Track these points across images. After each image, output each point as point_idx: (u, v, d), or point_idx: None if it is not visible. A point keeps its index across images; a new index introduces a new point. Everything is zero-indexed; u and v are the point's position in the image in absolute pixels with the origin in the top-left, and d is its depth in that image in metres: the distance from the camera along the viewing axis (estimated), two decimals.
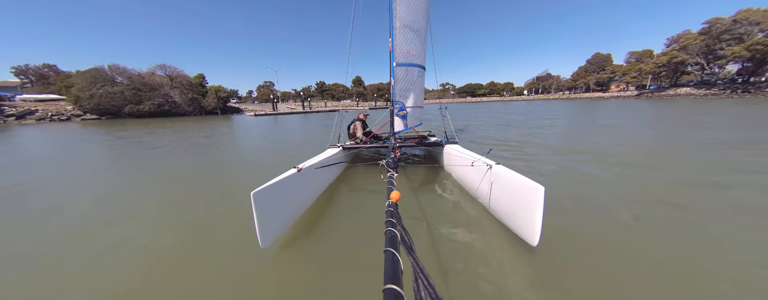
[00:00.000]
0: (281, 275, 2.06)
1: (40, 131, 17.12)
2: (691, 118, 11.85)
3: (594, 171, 4.42)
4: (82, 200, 4.00)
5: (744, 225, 2.54)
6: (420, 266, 0.78)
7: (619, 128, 9.52)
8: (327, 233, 2.67)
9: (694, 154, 5.32)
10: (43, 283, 2.09)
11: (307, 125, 17.05)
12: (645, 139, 7.40)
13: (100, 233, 2.89)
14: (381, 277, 0.81)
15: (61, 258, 2.43)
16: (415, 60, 4.66)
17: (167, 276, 2.12)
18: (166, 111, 36.81)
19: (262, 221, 2.15)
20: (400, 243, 1.01)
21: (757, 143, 6.06)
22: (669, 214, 2.82)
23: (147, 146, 9.24)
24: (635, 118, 12.99)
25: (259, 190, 2.20)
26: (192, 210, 3.47)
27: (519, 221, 2.33)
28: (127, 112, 33.13)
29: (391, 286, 0.72)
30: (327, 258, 2.25)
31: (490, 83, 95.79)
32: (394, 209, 1.32)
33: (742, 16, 36.85)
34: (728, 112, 14.17)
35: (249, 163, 6.25)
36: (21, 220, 3.28)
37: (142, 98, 34.54)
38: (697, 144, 6.31)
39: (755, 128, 8.44)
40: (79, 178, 5.28)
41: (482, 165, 3.05)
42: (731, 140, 6.50)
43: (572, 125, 11.12)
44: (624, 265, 2.03)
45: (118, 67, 36.02)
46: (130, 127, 18.35)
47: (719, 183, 3.69)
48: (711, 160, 4.88)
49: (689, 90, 42.86)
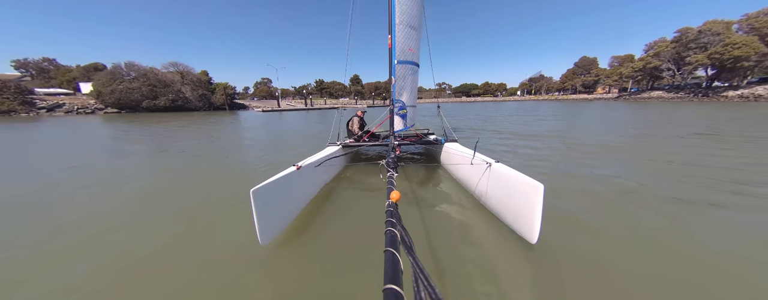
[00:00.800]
0: (280, 273, 2.07)
1: (81, 122, 19.84)
2: (628, 116, 15.34)
3: (521, 146, 7.10)
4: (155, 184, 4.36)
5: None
6: (420, 266, 0.78)
7: (553, 120, 12.98)
8: (326, 232, 2.68)
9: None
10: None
11: (311, 119, 20.46)
12: (562, 125, 10.82)
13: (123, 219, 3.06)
14: (381, 277, 0.81)
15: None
16: (412, 58, 4.71)
17: (165, 272, 2.12)
18: (179, 106, 39.78)
19: (262, 218, 2.18)
20: (400, 243, 1.01)
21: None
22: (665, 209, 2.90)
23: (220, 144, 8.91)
24: (567, 112, 16.47)
25: (258, 187, 2.22)
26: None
27: (518, 219, 2.34)
28: (144, 106, 36.09)
29: (391, 286, 0.72)
30: (326, 257, 2.26)
31: (484, 84, 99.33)
32: (394, 209, 1.34)
33: (706, 27, 40.54)
34: (666, 112, 17.42)
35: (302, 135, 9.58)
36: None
37: (157, 94, 37.49)
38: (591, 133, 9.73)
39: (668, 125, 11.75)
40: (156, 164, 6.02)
41: (481, 163, 3.06)
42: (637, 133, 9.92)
43: (529, 118, 14.60)
44: (624, 263, 2.03)
45: (133, 64, 38.87)
46: (163, 121, 20.59)
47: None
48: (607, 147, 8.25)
49: (661, 94, 46.72)
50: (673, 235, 2.45)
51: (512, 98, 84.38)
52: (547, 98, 72.66)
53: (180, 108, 39.95)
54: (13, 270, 2.19)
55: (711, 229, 2.57)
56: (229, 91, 47.63)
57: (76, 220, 3.05)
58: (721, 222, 2.70)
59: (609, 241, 2.35)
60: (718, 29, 38.98)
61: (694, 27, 43.33)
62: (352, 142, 5.26)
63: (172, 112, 37.06)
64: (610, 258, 2.10)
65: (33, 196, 3.93)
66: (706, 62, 39.07)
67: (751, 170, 4.39)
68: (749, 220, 2.74)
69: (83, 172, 5.32)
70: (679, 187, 3.65)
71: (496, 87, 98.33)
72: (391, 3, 4.31)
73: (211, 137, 10.52)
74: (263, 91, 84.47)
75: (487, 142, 7.79)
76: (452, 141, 5.03)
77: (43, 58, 50.99)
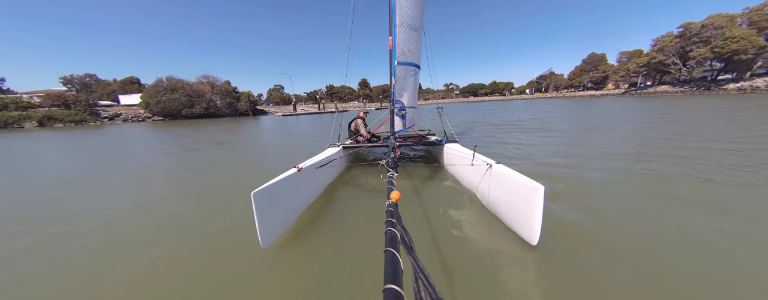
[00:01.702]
0: (281, 274, 2.10)
1: (137, 129, 23.38)
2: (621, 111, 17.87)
3: (506, 135, 10.34)
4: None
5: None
6: (420, 266, 0.78)
7: (531, 113, 15.84)
8: (327, 233, 2.71)
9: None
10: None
11: (322, 122, 23.96)
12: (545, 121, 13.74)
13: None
14: (381, 277, 0.82)
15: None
16: (412, 59, 4.75)
17: (167, 271, 2.17)
18: (210, 113, 45.11)
19: (263, 221, 2.19)
20: (400, 243, 1.02)
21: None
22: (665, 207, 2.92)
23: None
24: (564, 108, 19.07)
25: (259, 189, 2.22)
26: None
27: (518, 220, 2.35)
28: (183, 114, 41.54)
29: (391, 286, 0.73)
30: (327, 257, 2.28)
31: (492, 83, 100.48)
32: (394, 209, 1.35)
33: (708, 22, 41.06)
34: (661, 105, 18.97)
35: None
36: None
37: (193, 103, 42.97)
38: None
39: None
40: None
41: (482, 164, 3.08)
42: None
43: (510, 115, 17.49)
44: (625, 263, 2.03)
45: (172, 77, 44.65)
46: (210, 127, 23.96)
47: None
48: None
49: (666, 88, 47.20)
50: (674, 235, 2.38)
51: (520, 97, 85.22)
52: (555, 96, 73.29)
53: (212, 115, 45.27)
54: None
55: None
56: (252, 98, 52.94)
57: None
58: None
59: (609, 241, 2.32)
60: (721, 23, 39.46)
61: (698, 21, 43.79)
62: (352, 144, 5.41)
63: (206, 118, 42.26)
64: (611, 258, 2.09)
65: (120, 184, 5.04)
66: (709, 56, 39.63)
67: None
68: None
69: (154, 164, 6.97)
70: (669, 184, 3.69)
71: (503, 86, 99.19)
72: (391, 4, 4.41)
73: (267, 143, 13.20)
74: (276, 97, 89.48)
75: (475, 133, 10.01)
76: (453, 142, 5.08)
77: (86, 74, 57.80)
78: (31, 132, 23.54)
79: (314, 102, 67.85)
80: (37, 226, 3.26)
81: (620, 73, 60.39)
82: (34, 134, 20.71)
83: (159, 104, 39.50)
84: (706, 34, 41.26)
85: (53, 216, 3.58)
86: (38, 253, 2.64)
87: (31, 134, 20.84)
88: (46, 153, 10.10)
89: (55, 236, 2.99)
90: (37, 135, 19.79)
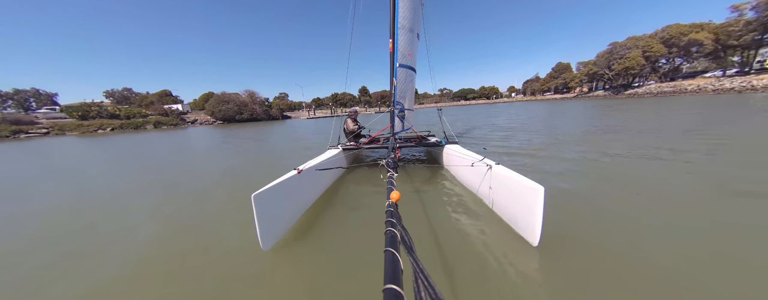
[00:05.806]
0: (282, 276, 2.11)
1: (213, 130, 37.52)
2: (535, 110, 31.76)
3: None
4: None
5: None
6: (420, 266, 0.79)
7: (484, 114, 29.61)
8: (327, 234, 2.74)
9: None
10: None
11: (339, 122, 38.21)
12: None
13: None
14: (381, 277, 0.82)
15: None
16: (410, 62, 4.94)
17: (167, 275, 2.20)
18: (253, 118, 61.04)
19: (263, 223, 2.22)
20: (400, 243, 1.02)
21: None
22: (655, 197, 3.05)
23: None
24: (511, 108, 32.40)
25: (259, 192, 2.24)
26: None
27: (519, 221, 2.38)
28: (236, 119, 57.65)
29: (391, 286, 0.73)
30: (327, 258, 2.31)
31: (480, 88, 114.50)
32: (394, 209, 1.35)
33: (623, 43, 55.07)
34: (574, 108, 24.72)
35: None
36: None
37: (242, 111, 59.13)
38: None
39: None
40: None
41: (482, 165, 3.11)
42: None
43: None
44: (625, 263, 2.04)
45: (226, 93, 60.92)
46: (264, 127, 39.99)
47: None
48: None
49: (600, 93, 61.06)
50: (673, 233, 2.39)
51: (502, 100, 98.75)
52: (528, 99, 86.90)
53: (254, 119, 61.00)
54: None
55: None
56: (283, 105, 69.05)
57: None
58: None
59: (610, 242, 2.34)
60: (628, 44, 53.32)
61: (619, 41, 57.66)
62: (353, 145, 5.50)
63: (250, 121, 57.83)
64: (612, 259, 2.09)
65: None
66: (617, 68, 53.61)
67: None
68: None
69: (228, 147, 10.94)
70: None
71: (488, 90, 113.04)
72: (394, 5, 4.53)
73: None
74: (283, 104, 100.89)
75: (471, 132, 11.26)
76: (453, 143, 5.16)
77: (124, 88, 67.20)
78: (151, 132, 30.77)
79: (318, 107, 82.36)
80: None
81: (575, 80, 74.10)
82: (161, 133, 26.96)
83: (220, 112, 55.73)
84: (620, 53, 55.29)
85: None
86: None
87: (159, 133, 27.40)
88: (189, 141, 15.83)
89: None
90: (165, 133, 25.93)
